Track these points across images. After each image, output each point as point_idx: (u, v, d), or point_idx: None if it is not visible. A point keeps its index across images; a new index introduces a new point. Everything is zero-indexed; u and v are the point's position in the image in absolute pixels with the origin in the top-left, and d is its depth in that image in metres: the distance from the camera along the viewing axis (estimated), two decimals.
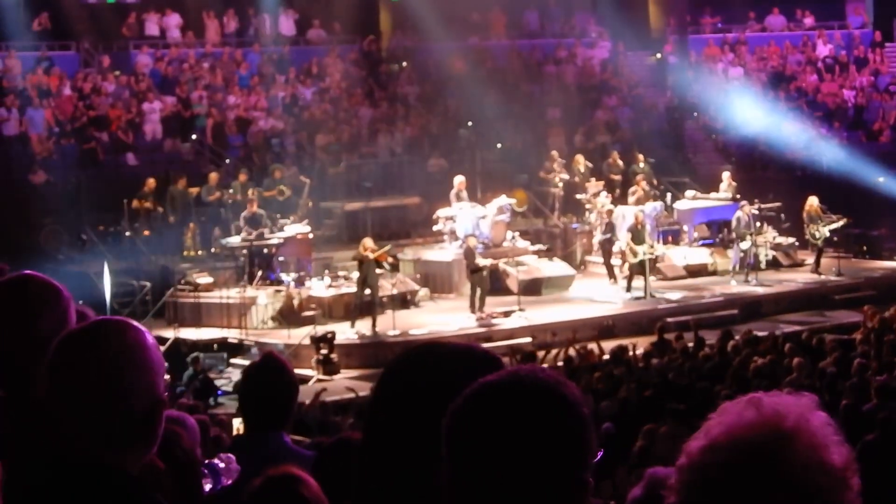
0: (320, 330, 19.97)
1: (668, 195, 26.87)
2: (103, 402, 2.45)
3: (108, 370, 2.45)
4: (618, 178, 27.58)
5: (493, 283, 22.45)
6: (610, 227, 23.98)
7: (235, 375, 18.90)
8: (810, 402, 1.80)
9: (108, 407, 2.45)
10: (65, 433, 2.49)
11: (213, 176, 25.26)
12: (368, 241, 20.90)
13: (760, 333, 17.78)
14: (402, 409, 2.20)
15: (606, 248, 24.06)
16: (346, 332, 20.43)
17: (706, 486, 1.73)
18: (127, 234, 23.72)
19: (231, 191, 24.72)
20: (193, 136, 28.02)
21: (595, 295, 23.00)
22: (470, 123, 29.63)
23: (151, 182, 24.60)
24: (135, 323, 2.60)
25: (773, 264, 25.18)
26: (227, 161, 27.38)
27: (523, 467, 1.92)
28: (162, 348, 17.09)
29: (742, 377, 13.88)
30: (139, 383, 2.47)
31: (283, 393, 4.79)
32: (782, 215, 25.56)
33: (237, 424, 12.04)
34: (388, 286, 21.89)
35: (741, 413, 1.77)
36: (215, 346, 20.58)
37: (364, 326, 20.67)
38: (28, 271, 2.97)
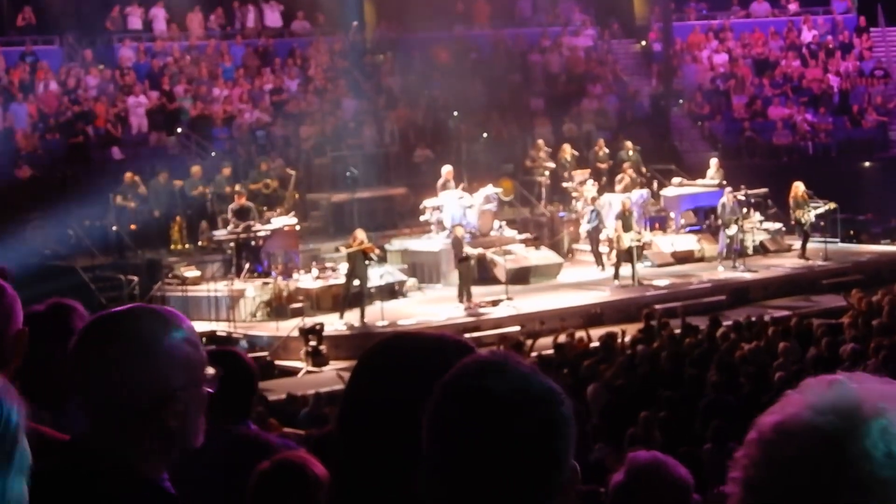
0: (309, 322, 19.96)
1: (655, 182, 26.92)
2: (104, 392, 2.39)
3: (111, 359, 2.39)
4: (604, 166, 27.61)
5: (481, 273, 22.46)
6: (596, 215, 24.00)
7: None
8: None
9: (109, 397, 2.39)
10: (80, 423, 2.45)
11: (196, 169, 25.09)
12: (360, 233, 20.87)
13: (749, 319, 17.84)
14: (374, 400, 2.18)
15: (594, 235, 24.09)
16: (334, 324, 20.43)
17: (772, 465, 1.72)
18: (113, 228, 23.62)
19: (215, 185, 24.65)
20: (178, 130, 27.94)
21: (583, 282, 23.03)
22: (455, 113, 29.60)
23: (129, 175, 24.42)
24: (163, 311, 2.50)
25: (761, 250, 25.24)
26: (213, 154, 27.30)
27: (506, 450, 1.88)
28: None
29: (728, 363, 13.89)
30: (142, 375, 2.38)
31: (240, 386, 4.52)
32: (769, 201, 25.60)
33: None
34: (375, 277, 21.88)
35: (820, 394, 1.76)
36: (204, 339, 20.49)
37: (352, 317, 20.66)
38: None
